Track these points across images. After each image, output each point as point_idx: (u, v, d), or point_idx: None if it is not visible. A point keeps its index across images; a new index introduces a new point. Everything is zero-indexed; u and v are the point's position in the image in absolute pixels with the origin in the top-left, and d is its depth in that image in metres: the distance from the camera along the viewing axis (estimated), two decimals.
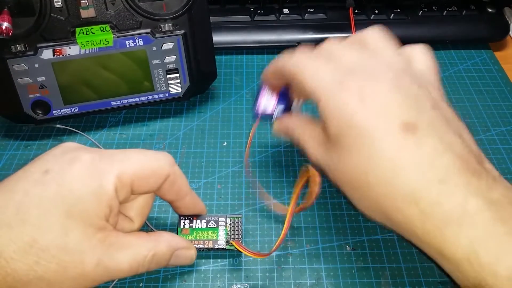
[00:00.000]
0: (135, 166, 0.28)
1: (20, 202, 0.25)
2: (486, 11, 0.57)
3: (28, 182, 0.26)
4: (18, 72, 0.40)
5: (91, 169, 0.27)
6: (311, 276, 0.35)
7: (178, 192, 0.31)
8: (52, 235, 0.25)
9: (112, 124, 0.47)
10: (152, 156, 0.29)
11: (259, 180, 0.41)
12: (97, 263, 0.26)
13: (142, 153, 0.29)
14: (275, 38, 0.55)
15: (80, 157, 0.27)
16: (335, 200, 0.40)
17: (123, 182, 0.27)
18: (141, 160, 0.29)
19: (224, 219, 0.35)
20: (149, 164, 0.29)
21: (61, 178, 0.26)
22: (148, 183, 0.29)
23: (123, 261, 0.27)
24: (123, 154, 0.29)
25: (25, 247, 0.24)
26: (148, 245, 0.29)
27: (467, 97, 0.50)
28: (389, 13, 0.56)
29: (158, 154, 0.30)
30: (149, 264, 0.29)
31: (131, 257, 0.27)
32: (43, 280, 0.25)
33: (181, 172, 0.31)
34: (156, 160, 0.29)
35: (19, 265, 0.24)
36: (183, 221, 0.35)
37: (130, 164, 0.28)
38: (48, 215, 0.25)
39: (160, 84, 0.45)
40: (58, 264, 0.25)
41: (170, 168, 0.30)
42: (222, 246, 0.35)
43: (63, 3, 0.39)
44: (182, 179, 0.31)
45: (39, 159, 0.28)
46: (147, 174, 0.29)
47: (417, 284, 0.34)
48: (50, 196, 0.25)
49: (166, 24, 0.42)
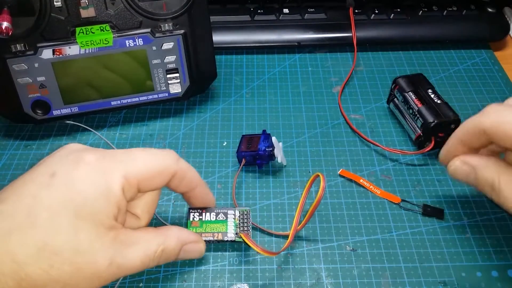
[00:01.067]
0: (140, 166, 0.28)
1: (29, 206, 0.25)
2: (486, 11, 0.57)
3: (36, 185, 0.26)
4: (18, 72, 0.40)
5: (97, 169, 0.27)
6: (311, 276, 0.35)
7: (189, 185, 0.32)
8: (64, 237, 0.25)
9: (112, 124, 0.47)
10: (158, 155, 0.29)
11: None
12: (110, 262, 0.26)
13: (147, 152, 0.29)
14: (275, 38, 0.55)
15: (85, 158, 0.27)
16: (335, 200, 0.40)
17: (129, 182, 0.28)
18: (147, 160, 0.29)
19: (233, 212, 0.36)
20: (154, 163, 0.29)
21: (68, 180, 0.26)
22: (154, 182, 0.29)
23: (135, 257, 0.27)
24: (128, 154, 0.29)
25: (38, 251, 0.24)
26: (158, 240, 0.29)
27: (467, 97, 0.50)
28: (389, 13, 0.56)
29: (163, 152, 0.30)
30: (159, 259, 0.29)
31: (142, 253, 0.28)
32: (58, 282, 0.25)
33: (188, 166, 0.31)
34: (161, 159, 0.29)
35: (32, 269, 0.24)
36: (192, 214, 0.35)
37: (136, 164, 0.28)
38: (58, 217, 0.25)
39: (160, 84, 0.44)
40: (71, 266, 0.25)
41: (176, 165, 0.30)
42: (231, 238, 0.35)
43: (63, 3, 0.39)
44: (191, 172, 0.31)
45: (44, 161, 0.28)
46: (153, 174, 0.29)
47: (417, 284, 0.34)
48: (59, 199, 0.25)
49: (166, 24, 0.42)
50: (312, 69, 0.54)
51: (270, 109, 0.49)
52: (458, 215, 0.39)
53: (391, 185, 0.41)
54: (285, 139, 0.45)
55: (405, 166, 0.43)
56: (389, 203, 0.40)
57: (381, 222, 0.38)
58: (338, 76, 0.53)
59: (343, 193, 0.40)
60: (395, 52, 0.56)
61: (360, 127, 0.46)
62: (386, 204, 0.40)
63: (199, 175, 0.32)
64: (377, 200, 0.40)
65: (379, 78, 0.52)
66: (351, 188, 0.41)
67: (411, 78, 0.45)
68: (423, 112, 0.42)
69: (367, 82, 0.52)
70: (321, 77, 0.52)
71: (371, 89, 0.51)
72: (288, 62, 0.55)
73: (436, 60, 0.55)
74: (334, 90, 0.51)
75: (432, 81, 0.52)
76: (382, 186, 0.41)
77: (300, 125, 0.47)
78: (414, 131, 0.43)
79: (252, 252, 0.36)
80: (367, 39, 0.55)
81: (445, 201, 0.40)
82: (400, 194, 0.40)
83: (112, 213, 0.27)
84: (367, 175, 0.42)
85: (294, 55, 0.56)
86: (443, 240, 0.37)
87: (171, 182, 0.30)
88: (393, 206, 0.39)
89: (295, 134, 0.46)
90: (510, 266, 0.35)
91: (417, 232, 0.38)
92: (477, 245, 0.37)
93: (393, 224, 0.38)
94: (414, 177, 0.42)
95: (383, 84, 0.51)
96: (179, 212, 0.39)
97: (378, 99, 0.49)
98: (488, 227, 0.38)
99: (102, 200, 0.26)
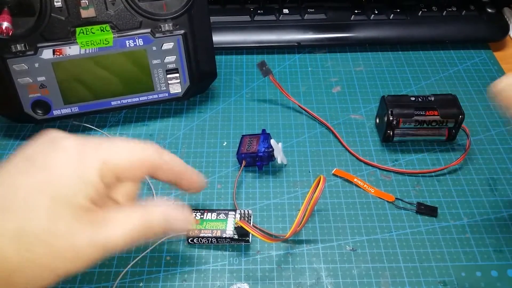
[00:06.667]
0: (119, 154, 0.28)
1: (5, 192, 0.25)
2: (486, 11, 0.57)
3: (13, 171, 0.26)
4: (18, 72, 0.40)
5: (75, 155, 0.27)
6: (311, 276, 0.35)
7: (175, 175, 0.31)
8: (39, 221, 0.25)
9: (112, 124, 0.47)
10: (138, 146, 0.29)
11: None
12: (89, 242, 0.26)
13: (128, 142, 0.29)
14: (275, 38, 0.55)
15: (64, 144, 0.27)
16: (335, 200, 0.40)
17: (107, 168, 0.27)
18: (126, 149, 0.28)
19: (234, 213, 0.36)
20: (134, 153, 0.28)
21: (45, 165, 0.26)
22: (133, 173, 0.29)
23: (116, 235, 0.27)
24: (108, 141, 0.29)
25: (13, 235, 0.24)
26: (139, 214, 0.28)
27: (467, 97, 0.50)
28: (389, 13, 0.56)
29: (144, 144, 0.29)
30: (144, 233, 0.28)
31: (123, 230, 0.27)
32: (36, 264, 0.25)
33: (172, 157, 0.30)
34: (141, 150, 0.29)
35: (9, 252, 0.24)
36: (194, 213, 0.35)
37: (115, 151, 0.28)
38: (33, 201, 0.25)
39: (160, 84, 0.45)
40: (48, 248, 0.25)
41: (158, 157, 0.29)
42: (229, 235, 0.35)
43: (63, 3, 0.39)
44: (175, 162, 0.30)
45: (23, 148, 0.28)
46: (131, 164, 0.28)
47: (416, 283, 0.34)
48: (35, 183, 0.26)
49: (166, 24, 0.42)
50: (312, 69, 0.54)
51: (270, 109, 0.49)
52: (458, 215, 0.39)
53: (391, 185, 0.41)
54: (285, 139, 0.45)
55: (405, 166, 0.43)
56: (389, 203, 0.40)
57: (381, 222, 0.38)
58: (338, 76, 0.53)
59: (343, 193, 0.41)
60: (394, 52, 0.56)
61: (360, 127, 0.46)
62: (386, 204, 0.40)
63: (184, 163, 0.31)
64: (377, 200, 0.40)
65: (379, 78, 0.52)
66: (351, 188, 0.41)
67: (392, 105, 0.43)
68: (445, 114, 0.42)
69: (367, 82, 0.52)
70: (321, 77, 0.53)
71: (371, 89, 0.51)
72: (288, 62, 0.55)
73: (436, 61, 0.55)
74: (334, 90, 0.51)
75: (432, 81, 0.52)
76: (382, 186, 0.41)
77: (300, 125, 0.47)
78: (440, 134, 0.43)
79: (252, 252, 0.36)
80: (367, 39, 0.55)
81: (445, 201, 0.40)
82: (400, 194, 0.40)
83: (90, 196, 0.26)
84: (367, 175, 0.42)
85: (294, 55, 0.56)
86: (442, 240, 0.37)
87: (156, 174, 0.29)
88: (393, 206, 0.39)
89: (295, 134, 0.46)
90: (510, 266, 0.36)
91: (417, 232, 0.38)
92: (476, 245, 0.37)
93: (392, 224, 0.38)
94: (414, 177, 0.42)
95: (383, 84, 0.51)
96: None
97: (378, 99, 0.49)
98: (488, 227, 0.38)
99: (79, 183, 0.26)
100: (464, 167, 0.43)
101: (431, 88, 0.51)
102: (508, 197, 0.40)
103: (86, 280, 0.35)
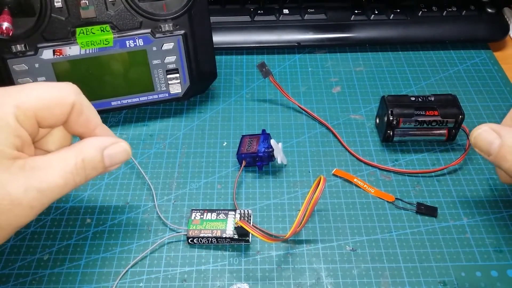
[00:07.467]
0: (34, 96, 0.27)
1: None
2: (486, 11, 0.57)
3: None
4: (18, 72, 0.40)
5: None
6: (311, 276, 0.35)
7: (87, 124, 0.30)
8: None
9: (112, 124, 0.47)
10: (55, 86, 0.28)
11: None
12: (25, 189, 0.25)
13: (43, 84, 0.28)
14: (275, 39, 0.55)
15: None
16: (335, 200, 0.40)
17: (24, 112, 0.26)
18: (41, 90, 0.28)
19: (234, 213, 0.36)
20: (50, 93, 0.28)
21: None
22: (54, 114, 0.28)
23: (54, 176, 0.26)
24: (22, 86, 0.28)
25: None
26: (74, 153, 0.28)
27: (467, 97, 0.50)
28: (389, 13, 0.56)
29: (61, 84, 0.29)
30: (84, 171, 0.28)
31: (60, 171, 0.27)
32: None
33: (88, 103, 0.30)
34: (57, 89, 0.28)
35: None
36: (194, 213, 0.36)
37: (30, 94, 0.27)
38: None
39: (160, 84, 0.45)
40: None
41: (75, 96, 0.28)
42: (229, 235, 0.35)
43: (63, 3, 0.39)
44: (90, 109, 0.30)
45: None
46: (50, 104, 0.27)
47: (416, 284, 0.34)
48: None
49: (166, 24, 0.42)
50: (312, 69, 0.54)
51: (270, 109, 0.49)
52: (458, 215, 0.39)
53: (391, 185, 0.41)
54: (285, 139, 0.45)
55: (405, 167, 0.43)
56: (389, 203, 0.40)
57: (381, 222, 0.38)
58: (338, 76, 0.53)
59: (343, 193, 0.41)
60: (394, 53, 0.56)
61: (360, 127, 0.46)
62: (385, 204, 0.40)
63: (100, 119, 0.30)
64: (377, 200, 0.40)
65: (379, 78, 0.52)
66: (351, 188, 0.41)
67: (392, 105, 0.43)
68: (445, 114, 0.42)
69: (367, 82, 0.52)
70: (321, 77, 0.53)
71: (371, 89, 0.51)
72: (288, 63, 0.55)
73: (436, 61, 0.55)
74: (334, 90, 0.51)
75: (432, 81, 0.52)
76: (382, 186, 0.41)
77: (300, 125, 0.47)
78: (440, 134, 0.43)
79: (252, 252, 0.36)
80: (367, 39, 0.55)
81: (445, 201, 0.40)
82: (400, 194, 0.40)
83: (13, 144, 0.26)
84: (367, 175, 0.42)
85: (294, 55, 0.56)
86: (442, 240, 0.37)
87: (69, 118, 0.29)
88: (393, 206, 0.39)
89: (295, 134, 0.46)
90: (510, 266, 0.36)
91: (417, 232, 0.38)
92: (476, 245, 0.37)
93: (392, 224, 0.38)
94: (414, 177, 0.42)
95: (383, 84, 0.52)
96: (179, 212, 0.39)
97: (378, 99, 0.50)
98: (488, 227, 0.38)
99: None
100: (464, 167, 0.43)
101: (431, 88, 0.51)
102: (508, 197, 0.40)
103: (86, 280, 0.35)
